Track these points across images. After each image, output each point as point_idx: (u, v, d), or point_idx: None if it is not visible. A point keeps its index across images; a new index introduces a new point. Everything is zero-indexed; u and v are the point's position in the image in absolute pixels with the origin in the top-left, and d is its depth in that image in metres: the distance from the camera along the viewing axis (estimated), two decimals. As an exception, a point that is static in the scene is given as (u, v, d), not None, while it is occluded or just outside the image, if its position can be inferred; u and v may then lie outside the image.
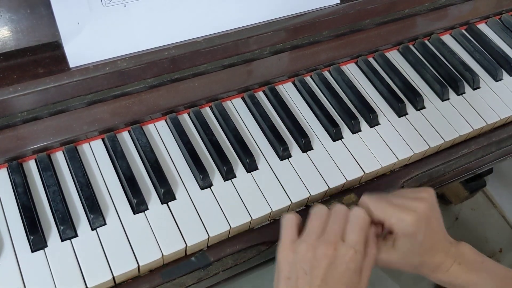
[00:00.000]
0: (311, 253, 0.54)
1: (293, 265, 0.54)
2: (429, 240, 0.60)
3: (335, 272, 0.54)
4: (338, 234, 0.56)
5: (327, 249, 0.54)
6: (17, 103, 0.61)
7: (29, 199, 0.60)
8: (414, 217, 0.59)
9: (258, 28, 0.72)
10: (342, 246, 0.55)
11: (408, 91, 0.79)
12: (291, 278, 0.54)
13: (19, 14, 0.60)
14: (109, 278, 0.56)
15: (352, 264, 0.55)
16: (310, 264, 0.54)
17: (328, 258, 0.54)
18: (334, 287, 0.54)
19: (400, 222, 0.59)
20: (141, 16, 0.64)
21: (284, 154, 0.69)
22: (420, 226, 0.59)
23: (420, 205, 0.60)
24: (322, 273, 0.54)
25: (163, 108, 0.70)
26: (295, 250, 0.55)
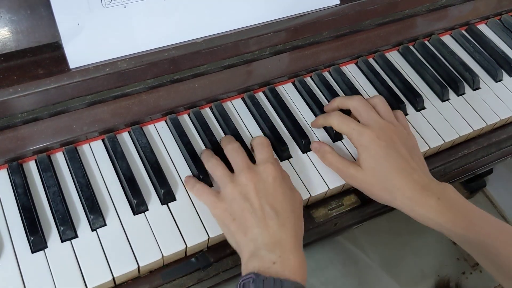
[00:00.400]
0: (236, 188, 0.58)
1: (230, 207, 0.58)
2: (395, 160, 0.62)
3: (266, 187, 0.58)
4: (245, 161, 0.61)
5: (246, 176, 0.59)
6: (17, 104, 0.61)
7: (29, 199, 0.60)
8: (371, 131, 0.63)
9: (258, 29, 0.72)
10: (258, 166, 0.60)
11: (408, 91, 0.79)
12: (236, 217, 0.57)
13: (19, 15, 0.60)
14: (109, 279, 0.56)
15: (275, 173, 0.59)
16: (241, 195, 0.58)
17: (251, 180, 0.58)
18: (274, 199, 0.58)
19: (358, 135, 0.64)
20: (141, 17, 0.64)
21: (284, 155, 0.69)
22: (378, 141, 0.63)
23: (381, 122, 0.65)
24: (255, 193, 0.57)
25: (163, 109, 0.70)
26: (222, 199, 0.59)
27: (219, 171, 0.61)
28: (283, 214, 0.57)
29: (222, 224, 0.60)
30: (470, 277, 1.29)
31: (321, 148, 0.68)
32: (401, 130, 0.66)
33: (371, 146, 0.63)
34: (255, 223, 0.56)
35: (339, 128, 0.67)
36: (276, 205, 0.57)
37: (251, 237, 0.56)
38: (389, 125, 0.65)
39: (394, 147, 0.63)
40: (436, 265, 1.25)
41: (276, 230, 0.56)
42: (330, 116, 0.69)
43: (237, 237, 0.57)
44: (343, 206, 0.69)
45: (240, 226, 0.57)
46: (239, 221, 0.57)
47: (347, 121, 0.66)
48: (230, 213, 0.58)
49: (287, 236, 0.56)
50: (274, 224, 0.56)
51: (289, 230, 0.56)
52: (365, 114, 0.66)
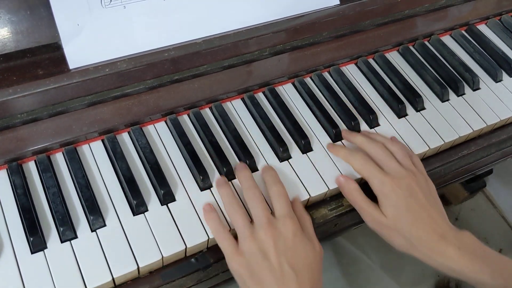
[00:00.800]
0: (255, 244, 0.57)
1: (248, 264, 0.57)
2: (415, 211, 0.62)
3: (286, 244, 0.57)
4: (266, 214, 0.59)
5: (265, 231, 0.57)
6: (16, 104, 0.61)
7: (29, 200, 0.60)
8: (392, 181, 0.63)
9: (258, 29, 0.72)
10: (277, 221, 0.59)
11: (408, 92, 0.79)
12: (254, 274, 0.56)
13: (19, 15, 0.60)
14: (109, 280, 0.56)
15: (295, 228, 0.59)
16: (260, 252, 0.56)
17: (271, 237, 0.57)
18: (294, 257, 0.57)
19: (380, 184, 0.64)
20: (141, 17, 0.64)
21: (284, 155, 0.69)
22: (399, 191, 0.63)
23: (402, 171, 0.65)
24: (274, 251, 0.56)
25: (163, 109, 0.70)
26: (241, 253, 0.57)
27: (240, 222, 0.59)
28: (302, 273, 0.56)
29: (238, 279, 0.58)
30: (470, 278, 1.29)
31: (347, 184, 0.67)
32: (420, 178, 0.65)
33: (392, 196, 0.63)
34: (274, 282, 0.55)
35: (360, 172, 0.66)
36: (295, 264, 0.56)
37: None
38: (409, 174, 0.64)
39: (415, 197, 0.63)
40: (436, 265, 1.25)
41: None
42: (353, 156, 0.67)
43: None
44: (343, 206, 0.69)
45: (258, 284, 0.56)
46: (257, 278, 0.56)
47: (369, 167, 0.65)
48: (248, 269, 0.56)
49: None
50: (293, 285, 0.55)
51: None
52: (385, 163, 0.66)
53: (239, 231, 0.59)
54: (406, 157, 0.67)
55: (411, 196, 0.63)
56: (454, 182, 0.80)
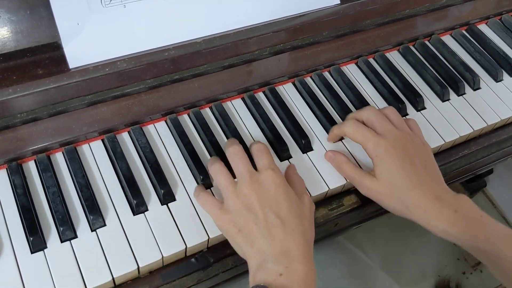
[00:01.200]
0: (239, 199, 0.57)
1: (234, 219, 0.57)
2: (411, 172, 0.61)
3: (269, 195, 0.57)
4: (247, 168, 0.59)
5: (247, 186, 0.57)
6: (16, 104, 0.61)
7: (29, 200, 0.60)
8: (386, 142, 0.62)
9: (258, 29, 0.72)
10: (259, 174, 0.59)
11: (408, 91, 0.79)
12: (241, 229, 0.56)
13: (18, 15, 0.60)
14: (109, 280, 0.56)
15: (277, 179, 0.58)
16: (245, 206, 0.56)
17: (253, 190, 0.57)
18: (278, 206, 0.56)
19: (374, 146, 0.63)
20: (141, 16, 0.64)
21: (284, 155, 0.69)
22: (393, 152, 0.62)
23: (396, 132, 0.64)
24: (258, 203, 0.56)
25: (163, 109, 0.70)
26: (226, 210, 0.58)
27: (223, 180, 0.59)
28: (290, 222, 0.55)
29: (227, 236, 0.59)
30: (470, 277, 1.29)
31: (336, 157, 0.67)
32: (415, 139, 0.65)
33: (386, 157, 0.62)
34: (261, 234, 0.55)
35: (354, 137, 0.65)
36: (281, 213, 0.56)
37: (257, 248, 0.55)
38: (404, 135, 0.64)
39: (410, 158, 0.62)
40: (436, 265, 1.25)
41: (282, 239, 0.54)
42: (344, 124, 0.67)
43: (243, 248, 0.56)
44: (344, 206, 0.69)
45: (245, 238, 0.56)
46: (244, 232, 0.56)
47: (363, 130, 0.64)
48: (234, 225, 0.57)
49: (295, 244, 0.54)
50: (280, 233, 0.54)
51: (297, 238, 0.55)
52: (379, 125, 0.65)
53: (223, 190, 0.59)
54: (401, 119, 0.67)
55: (407, 157, 0.61)
56: (455, 182, 0.80)
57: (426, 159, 0.64)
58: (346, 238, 1.03)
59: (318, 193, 0.66)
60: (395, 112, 0.68)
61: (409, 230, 1.16)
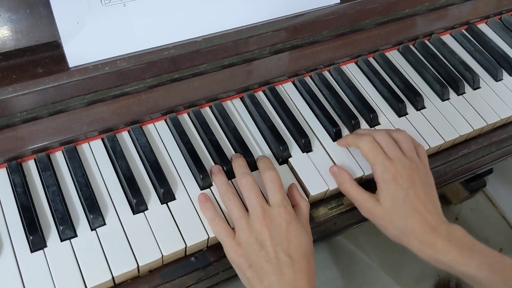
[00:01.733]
0: (251, 234, 0.58)
1: (245, 253, 0.58)
2: (413, 203, 0.62)
3: (280, 233, 0.58)
4: (260, 204, 0.60)
5: (260, 222, 0.58)
6: (16, 103, 0.61)
7: (29, 199, 0.60)
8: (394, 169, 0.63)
9: (258, 28, 0.72)
10: (271, 209, 0.60)
11: (408, 91, 0.79)
12: (252, 264, 0.57)
13: (18, 14, 0.60)
14: (109, 279, 0.56)
15: (289, 217, 0.59)
16: (257, 242, 0.58)
17: (266, 226, 0.58)
18: (288, 245, 0.58)
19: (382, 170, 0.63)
20: (141, 15, 0.64)
21: (284, 154, 0.69)
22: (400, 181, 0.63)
23: (405, 161, 0.65)
24: (270, 241, 0.57)
25: (162, 108, 0.70)
26: (238, 243, 0.58)
27: (236, 211, 0.60)
28: (299, 261, 0.57)
29: (237, 268, 0.59)
30: (470, 277, 1.29)
31: (340, 175, 0.67)
32: (421, 169, 0.65)
33: (392, 185, 0.63)
34: (271, 271, 0.56)
35: (366, 155, 0.66)
36: (290, 251, 0.57)
37: (266, 284, 0.56)
38: (412, 164, 0.64)
39: (414, 189, 0.63)
40: (436, 265, 1.25)
41: (291, 277, 0.56)
42: (361, 138, 0.67)
43: (253, 283, 0.57)
44: (343, 205, 0.69)
45: (256, 273, 0.57)
46: (255, 268, 0.57)
47: (376, 151, 0.65)
48: (246, 260, 0.57)
49: (304, 282, 0.56)
50: (290, 272, 0.56)
51: (305, 276, 0.56)
52: (390, 151, 0.65)
53: (235, 222, 0.60)
54: (411, 146, 0.67)
55: (411, 188, 0.63)
56: (454, 181, 0.80)
57: (428, 190, 0.65)
58: (345, 238, 1.03)
59: (318, 193, 0.66)
60: (407, 138, 0.68)
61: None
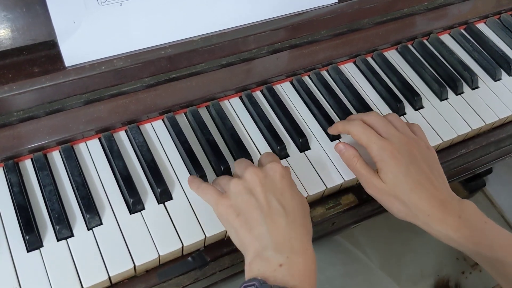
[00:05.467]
0: (241, 183, 0.56)
1: (234, 203, 0.55)
2: (415, 177, 0.60)
3: (273, 182, 0.56)
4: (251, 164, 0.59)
5: (251, 172, 0.56)
6: (12, 102, 0.61)
7: (25, 198, 0.60)
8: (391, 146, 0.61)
9: (256, 27, 0.71)
10: (265, 166, 0.57)
11: (407, 90, 0.79)
12: (241, 213, 0.54)
13: (14, 13, 0.60)
14: (105, 278, 0.56)
15: (283, 171, 0.57)
16: (246, 190, 0.55)
17: (257, 175, 0.56)
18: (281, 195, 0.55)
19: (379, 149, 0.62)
20: (137, 14, 0.64)
21: (282, 154, 0.69)
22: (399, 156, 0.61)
23: (401, 136, 0.63)
24: (261, 188, 0.55)
25: (160, 108, 0.70)
26: (226, 196, 0.56)
27: (223, 178, 0.59)
28: (292, 212, 0.54)
29: (225, 222, 0.56)
30: (469, 277, 1.29)
31: (346, 151, 0.65)
32: (420, 144, 0.64)
33: (391, 161, 0.61)
34: (262, 219, 0.52)
35: (359, 138, 0.64)
36: (283, 201, 0.54)
37: (256, 234, 0.52)
38: (409, 139, 0.63)
39: (416, 163, 0.61)
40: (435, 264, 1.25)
41: (284, 227, 0.52)
42: (350, 123, 0.65)
43: (241, 234, 0.53)
44: (341, 205, 0.69)
45: (244, 222, 0.53)
46: (244, 216, 0.53)
47: (368, 132, 0.63)
48: (234, 209, 0.54)
49: (297, 235, 0.52)
50: (283, 221, 0.52)
51: (299, 229, 0.53)
52: (384, 129, 0.64)
53: (223, 183, 0.58)
54: (404, 124, 0.66)
55: (412, 162, 0.61)
56: (453, 181, 0.80)
57: (432, 163, 0.63)
58: (344, 237, 1.03)
59: (316, 192, 0.66)
60: (398, 118, 0.67)
61: (409, 230, 1.16)
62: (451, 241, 0.59)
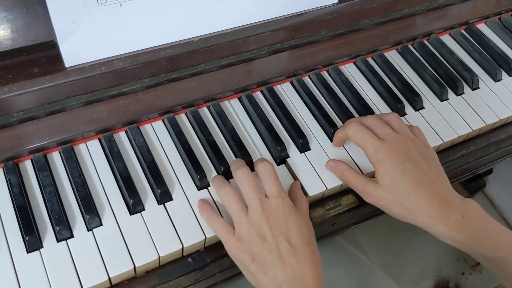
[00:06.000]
0: (252, 228, 0.57)
1: (247, 248, 0.57)
2: (413, 175, 0.59)
3: (280, 223, 0.57)
4: (258, 196, 0.59)
5: (259, 214, 0.57)
6: (12, 102, 0.61)
7: (25, 199, 0.60)
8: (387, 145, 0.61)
9: (256, 28, 0.71)
10: (269, 201, 0.59)
11: (407, 91, 0.79)
12: (255, 257, 0.56)
13: (14, 13, 0.59)
14: (105, 279, 0.56)
15: (287, 208, 0.58)
16: (258, 235, 0.56)
17: (265, 218, 0.57)
18: (289, 234, 0.57)
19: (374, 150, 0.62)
20: (137, 15, 0.64)
21: (282, 155, 0.69)
22: (394, 155, 0.60)
23: (397, 136, 0.63)
24: (270, 232, 0.56)
25: (160, 108, 0.69)
26: (239, 238, 0.57)
27: (235, 205, 0.59)
28: (302, 249, 0.56)
29: (240, 264, 0.58)
30: (469, 277, 1.29)
31: (337, 166, 0.66)
32: (418, 142, 0.63)
33: (387, 161, 0.60)
34: (275, 261, 0.55)
35: (356, 141, 0.64)
36: (292, 241, 0.56)
37: (271, 276, 0.55)
38: (405, 138, 0.62)
39: (412, 160, 0.60)
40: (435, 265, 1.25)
41: (295, 266, 0.55)
42: (347, 126, 0.65)
43: (257, 277, 0.56)
44: (341, 206, 0.68)
45: (260, 267, 0.56)
46: (259, 261, 0.56)
47: (364, 134, 0.63)
48: (249, 254, 0.56)
49: (308, 271, 0.55)
50: (293, 260, 0.55)
51: (309, 265, 0.55)
52: (380, 130, 0.64)
53: (234, 217, 0.59)
54: (403, 124, 0.65)
55: (408, 160, 0.60)
56: (454, 182, 0.80)
57: (430, 161, 0.62)
58: (344, 238, 1.02)
59: (316, 193, 0.66)
60: (397, 118, 0.66)
61: (409, 231, 1.16)
62: (454, 241, 0.58)
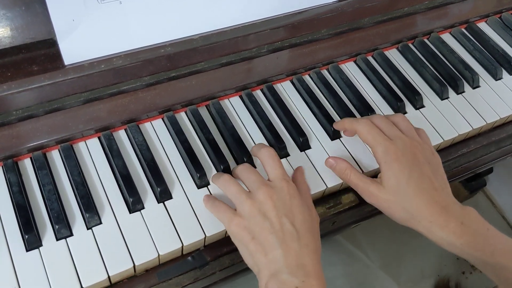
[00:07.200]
0: (254, 205, 0.56)
1: (248, 225, 0.56)
2: (418, 181, 0.60)
3: (284, 204, 0.56)
4: (260, 179, 0.58)
5: (263, 192, 0.56)
6: (11, 101, 0.60)
7: (24, 198, 0.59)
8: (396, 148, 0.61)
9: (256, 26, 0.71)
10: (273, 183, 0.58)
11: (407, 90, 0.79)
12: (255, 236, 0.55)
13: (14, 11, 0.59)
14: (104, 278, 0.56)
15: (292, 191, 0.57)
16: (260, 213, 0.55)
17: (269, 196, 0.56)
18: (293, 218, 0.56)
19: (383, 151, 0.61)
20: (137, 13, 0.64)
21: (282, 153, 0.69)
22: (402, 159, 0.60)
23: (405, 139, 0.63)
24: (275, 212, 0.55)
25: (160, 107, 0.69)
26: (240, 215, 0.56)
27: (234, 188, 0.58)
28: (304, 236, 0.55)
29: (238, 242, 0.57)
30: (470, 277, 1.29)
31: (338, 165, 0.65)
32: (425, 147, 0.63)
33: (395, 164, 0.60)
34: (276, 243, 0.53)
35: (365, 138, 0.64)
36: (296, 225, 0.55)
37: (272, 258, 0.53)
38: (413, 142, 0.62)
39: (419, 167, 0.60)
40: (436, 264, 1.24)
41: (298, 252, 0.53)
42: (358, 122, 0.65)
43: (256, 257, 0.55)
44: (341, 204, 0.68)
45: (260, 246, 0.54)
46: (259, 240, 0.54)
47: (375, 132, 0.63)
48: (249, 232, 0.55)
49: (310, 259, 0.54)
50: (296, 245, 0.54)
51: (311, 253, 0.54)
52: (389, 131, 0.63)
53: (235, 197, 0.58)
54: (410, 127, 0.65)
55: (415, 166, 0.60)
56: (454, 181, 0.80)
57: (435, 168, 0.63)
58: (345, 237, 1.02)
59: (316, 191, 0.66)
60: (404, 120, 0.66)
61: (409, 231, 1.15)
62: (453, 247, 0.59)
